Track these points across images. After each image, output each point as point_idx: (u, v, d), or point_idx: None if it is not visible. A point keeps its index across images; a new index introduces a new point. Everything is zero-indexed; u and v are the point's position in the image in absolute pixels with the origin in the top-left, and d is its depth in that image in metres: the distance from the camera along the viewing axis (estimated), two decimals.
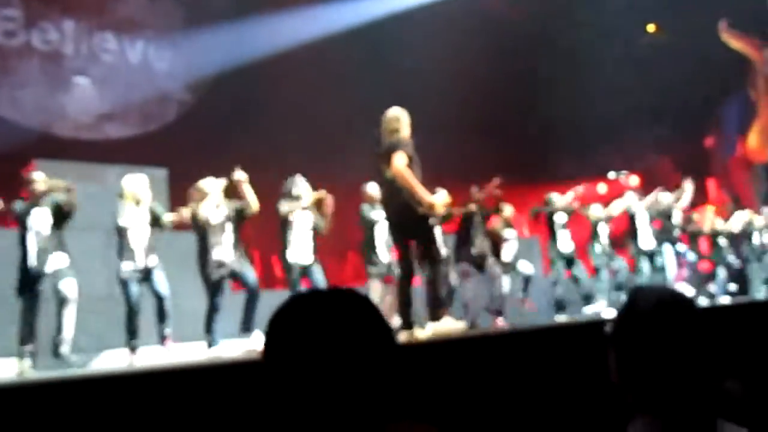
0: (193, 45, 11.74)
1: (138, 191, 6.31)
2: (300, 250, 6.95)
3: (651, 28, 16.87)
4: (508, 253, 9.01)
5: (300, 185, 7.14)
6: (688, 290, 10.75)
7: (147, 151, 9.90)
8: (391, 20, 12.43)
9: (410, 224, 5.51)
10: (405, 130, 5.61)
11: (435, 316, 5.47)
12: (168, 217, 6.45)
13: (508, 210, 9.15)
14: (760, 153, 17.72)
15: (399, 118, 5.66)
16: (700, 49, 16.34)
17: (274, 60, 11.37)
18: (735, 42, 16.81)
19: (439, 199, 5.65)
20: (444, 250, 6.66)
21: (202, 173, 6.74)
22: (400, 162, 5.33)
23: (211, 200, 6.50)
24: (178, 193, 6.75)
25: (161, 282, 6.24)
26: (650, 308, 1.55)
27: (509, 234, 9.06)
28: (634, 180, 12.30)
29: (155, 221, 6.36)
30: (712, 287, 11.26)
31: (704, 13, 15.89)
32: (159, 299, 6.22)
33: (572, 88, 13.23)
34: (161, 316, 6.20)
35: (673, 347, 1.50)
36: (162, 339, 6.17)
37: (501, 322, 7.91)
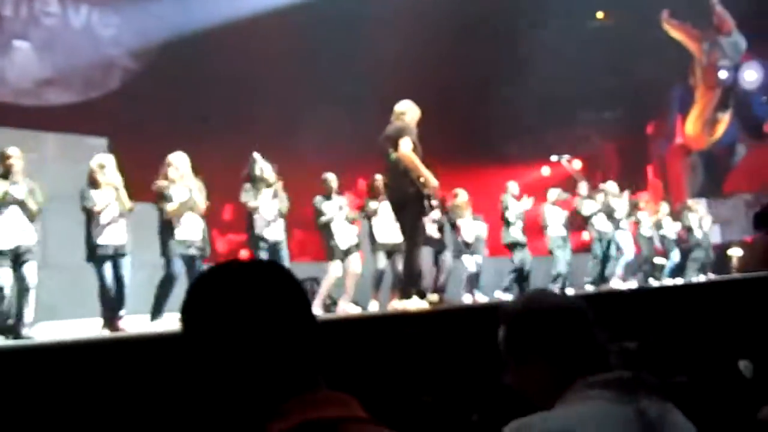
0: (139, 11, 11.47)
1: (108, 174, 6.26)
2: (268, 227, 7.17)
3: (600, 14, 17.08)
4: (468, 234, 9.23)
5: (260, 165, 7.22)
6: (629, 276, 11.10)
7: (88, 119, 9.69)
8: None
9: (408, 204, 6.00)
10: (411, 119, 6.18)
11: (405, 294, 5.93)
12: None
13: (463, 196, 9.35)
14: (696, 140, 18.17)
15: (410, 107, 6.25)
16: (649, 35, 16.64)
17: (223, 30, 11.18)
18: (675, 32, 17.15)
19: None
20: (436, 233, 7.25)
21: (145, 144, 6.68)
22: (406, 147, 5.85)
23: (180, 176, 6.48)
24: (119, 163, 6.62)
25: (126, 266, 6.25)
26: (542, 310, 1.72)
27: (467, 217, 9.26)
28: (577, 164, 12.51)
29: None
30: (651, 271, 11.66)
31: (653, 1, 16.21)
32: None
33: (521, 71, 13.33)
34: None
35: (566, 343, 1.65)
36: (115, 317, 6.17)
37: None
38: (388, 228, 8.12)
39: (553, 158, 9.50)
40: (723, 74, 17.63)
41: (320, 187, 8.01)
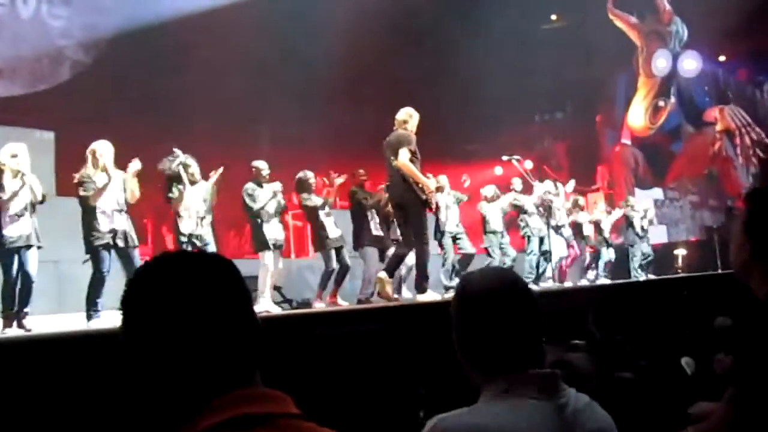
0: (90, 3, 11.27)
1: (20, 164, 6.05)
2: (192, 221, 6.96)
3: (554, 17, 17.34)
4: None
5: (181, 160, 7.06)
6: (572, 273, 11.29)
7: (35, 112, 9.47)
8: None
9: (408, 207, 6.61)
10: (412, 125, 6.75)
11: (420, 290, 6.62)
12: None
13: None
14: (639, 128, 18.57)
15: (411, 115, 6.81)
16: (600, 36, 16.94)
17: (174, 24, 11.05)
18: (618, 21, 17.49)
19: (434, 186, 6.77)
20: (431, 233, 7.48)
21: (93, 138, 6.50)
22: (404, 156, 6.44)
23: (104, 166, 6.31)
24: (66, 157, 6.47)
25: (33, 261, 6.00)
26: (478, 290, 1.70)
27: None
28: (528, 164, 12.66)
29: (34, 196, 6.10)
30: (593, 270, 11.89)
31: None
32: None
33: (474, 71, 13.42)
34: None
35: (501, 324, 1.63)
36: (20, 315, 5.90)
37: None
38: (332, 225, 8.17)
39: (504, 158, 9.56)
40: (662, 63, 18.04)
41: (252, 174, 7.81)
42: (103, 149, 6.38)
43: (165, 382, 1.10)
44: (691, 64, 18.25)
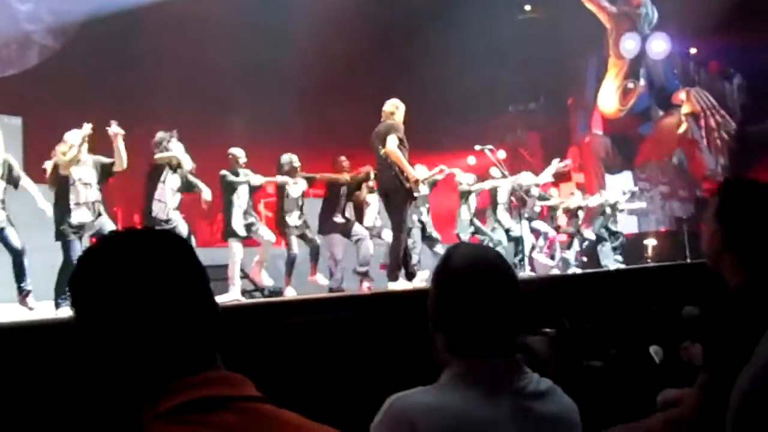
0: None
1: None
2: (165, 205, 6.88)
3: (528, 7, 17.38)
4: (370, 218, 9.17)
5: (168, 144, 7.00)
6: (546, 261, 11.37)
7: (2, 97, 9.30)
8: None
9: (391, 194, 6.78)
10: (399, 116, 6.88)
11: (392, 278, 6.73)
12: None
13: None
14: (609, 109, 18.74)
15: (398, 107, 6.93)
16: (573, 25, 17.03)
17: (144, 10, 10.90)
18: (588, 3, 17.60)
19: (421, 175, 6.93)
20: (415, 221, 7.63)
21: (61, 124, 6.41)
22: (392, 144, 6.58)
23: (75, 154, 6.22)
24: (33, 143, 6.37)
25: (14, 237, 5.96)
26: (461, 264, 1.66)
27: (372, 199, 9.19)
28: (501, 154, 12.70)
29: (9, 176, 6.06)
30: (565, 257, 11.99)
31: None
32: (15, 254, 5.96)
33: (448, 61, 13.42)
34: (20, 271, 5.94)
35: (481, 300, 1.60)
36: (22, 295, 5.91)
37: (367, 285, 8.16)
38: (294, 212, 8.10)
39: (477, 147, 9.55)
40: (630, 44, 18.21)
41: (227, 162, 7.77)
42: (75, 138, 6.30)
43: (120, 365, 1.07)
44: (660, 45, 18.44)
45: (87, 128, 6.23)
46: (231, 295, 7.18)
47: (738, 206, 2.18)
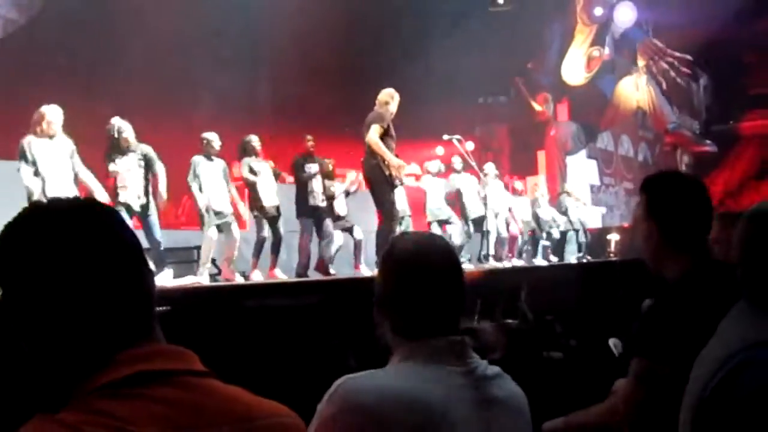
0: None
1: None
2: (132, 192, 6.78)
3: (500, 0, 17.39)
4: (340, 206, 9.13)
5: (118, 127, 6.88)
6: (511, 256, 11.46)
7: None
8: None
9: (375, 182, 6.91)
10: (393, 107, 7.08)
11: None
12: None
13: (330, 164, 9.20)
14: (574, 75, 18.89)
15: (393, 96, 7.13)
16: (545, 20, 17.12)
17: None
18: None
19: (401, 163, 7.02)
20: (405, 208, 7.68)
21: (24, 100, 6.29)
22: (373, 134, 6.75)
23: (52, 132, 6.14)
24: None
25: None
26: (407, 248, 1.69)
27: (339, 188, 9.15)
28: (470, 145, 12.76)
29: None
30: (532, 252, 12.14)
31: None
32: None
33: (418, 51, 13.42)
34: None
35: (426, 283, 1.63)
36: None
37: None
38: (270, 193, 8.06)
39: (445, 137, 9.58)
40: (598, 11, 18.41)
41: (201, 147, 7.64)
42: (54, 115, 6.21)
43: (48, 340, 1.03)
44: (626, 14, 18.81)
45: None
46: (201, 278, 7.20)
47: (667, 199, 2.22)
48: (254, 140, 8.14)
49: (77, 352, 1.03)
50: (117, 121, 6.87)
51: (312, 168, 8.56)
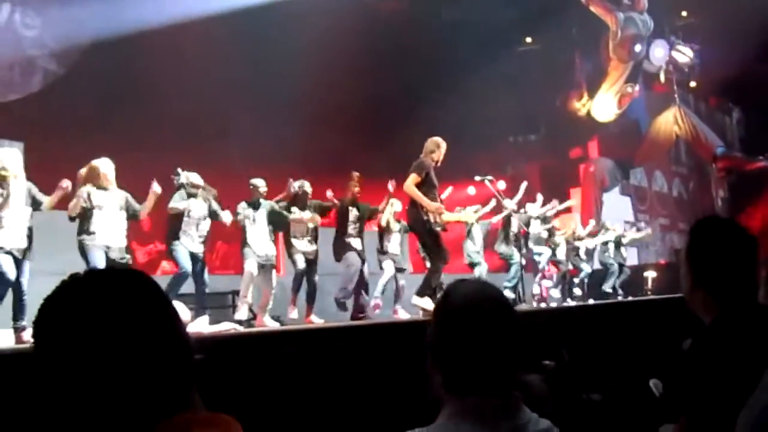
0: (64, 13, 11.14)
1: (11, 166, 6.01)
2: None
3: (529, 39, 17.50)
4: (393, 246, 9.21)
5: (185, 174, 7.19)
6: (551, 291, 11.39)
7: (4, 121, 9.33)
8: (274, 7, 12.24)
9: (414, 229, 7.32)
10: (438, 155, 7.27)
11: (420, 293, 7.04)
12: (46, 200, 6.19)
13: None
14: (605, 111, 18.80)
15: (439, 145, 7.33)
16: (572, 57, 17.16)
17: (147, 35, 10.95)
18: (594, 7, 17.72)
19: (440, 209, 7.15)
20: (445, 251, 7.44)
21: (63, 149, 6.45)
22: (409, 181, 6.98)
23: (105, 184, 6.35)
24: (34, 168, 6.39)
25: (26, 273, 5.95)
26: (461, 301, 1.64)
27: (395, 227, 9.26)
28: (501, 184, 12.75)
29: (34, 202, 6.11)
30: (566, 289, 12.03)
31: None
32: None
33: (448, 92, 13.49)
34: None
35: (481, 337, 1.57)
36: (18, 331, 5.81)
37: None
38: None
39: (477, 178, 9.59)
40: (638, 48, 18.40)
41: (247, 192, 7.90)
42: (107, 168, 6.43)
43: (88, 411, 1.02)
44: (660, 51, 18.93)
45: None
46: (238, 316, 7.33)
47: (705, 246, 2.20)
48: (306, 186, 8.41)
49: (116, 424, 1.02)
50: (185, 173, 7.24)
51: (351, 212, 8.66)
